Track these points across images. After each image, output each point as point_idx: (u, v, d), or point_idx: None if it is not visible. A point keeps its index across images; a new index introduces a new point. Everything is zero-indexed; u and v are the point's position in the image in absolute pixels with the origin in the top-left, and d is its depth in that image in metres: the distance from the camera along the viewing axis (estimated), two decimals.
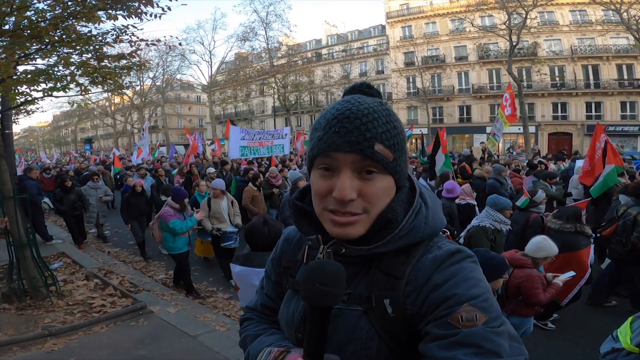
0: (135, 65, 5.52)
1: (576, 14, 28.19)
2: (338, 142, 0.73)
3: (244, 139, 10.79)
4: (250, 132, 11.46)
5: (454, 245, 0.79)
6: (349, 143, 0.72)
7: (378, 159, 0.73)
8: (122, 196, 8.33)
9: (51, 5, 4.39)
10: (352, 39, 38.89)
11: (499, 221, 4.13)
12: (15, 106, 5.29)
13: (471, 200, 5.99)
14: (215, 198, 6.13)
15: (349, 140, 0.72)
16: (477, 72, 31.24)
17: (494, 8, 23.58)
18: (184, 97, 53.51)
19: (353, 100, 0.77)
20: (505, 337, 0.67)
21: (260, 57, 36.07)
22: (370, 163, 0.73)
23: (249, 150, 10.91)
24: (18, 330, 4.14)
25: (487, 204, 4.31)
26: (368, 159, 0.73)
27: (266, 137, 11.39)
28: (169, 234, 5.40)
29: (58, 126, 66.40)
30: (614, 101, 27.20)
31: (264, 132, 11.84)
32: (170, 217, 5.32)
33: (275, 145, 11.47)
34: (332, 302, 0.68)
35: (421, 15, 33.00)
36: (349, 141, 0.72)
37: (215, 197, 6.15)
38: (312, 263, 0.72)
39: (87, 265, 6.38)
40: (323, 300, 0.67)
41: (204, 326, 4.36)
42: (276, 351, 0.79)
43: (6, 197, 4.67)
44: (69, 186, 8.01)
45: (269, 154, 11.63)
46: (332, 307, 0.69)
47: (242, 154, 10.88)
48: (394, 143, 0.75)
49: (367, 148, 0.72)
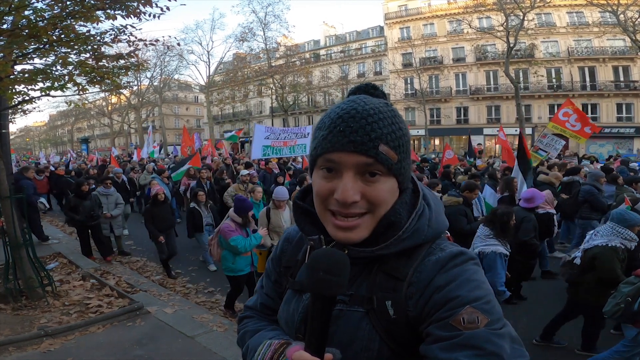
0: (133, 65, 5.50)
1: (573, 15, 28.37)
2: (342, 141, 0.72)
3: (268, 138, 10.23)
4: (275, 131, 10.87)
5: (457, 247, 0.79)
6: (353, 143, 0.72)
7: (382, 160, 0.72)
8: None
9: (50, 5, 4.38)
10: (350, 39, 38.96)
11: (628, 239, 3.50)
12: (12, 105, 5.27)
13: (551, 210, 5.41)
14: (276, 209, 5.28)
15: (353, 140, 0.72)
16: (474, 73, 31.38)
17: (491, 10, 23.72)
18: (182, 98, 53.46)
19: (359, 100, 0.77)
20: (506, 339, 0.67)
21: (259, 57, 36.09)
22: (374, 165, 0.73)
23: (271, 150, 10.32)
24: (14, 330, 4.12)
25: (611, 219, 3.67)
26: (372, 160, 0.72)
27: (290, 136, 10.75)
28: (228, 253, 4.70)
29: (54, 126, 66.11)
30: (610, 103, 27.37)
31: (288, 131, 11.18)
32: (231, 233, 4.58)
33: (298, 144, 10.70)
34: (335, 291, 0.67)
35: (419, 16, 33.10)
36: (354, 141, 0.72)
37: (276, 208, 5.28)
38: (317, 251, 0.71)
39: (84, 265, 6.35)
40: (326, 288, 0.66)
41: (201, 326, 4.35)
42: (277, 343, 0.79)
43: (2, 196, 4.64)
44: (85, 191, 6.83)
45: (291, 154, 11.05)
46: (335, 296, 0.68)
47: (264, 154, 10.29)
48: (399, 144, 0.75)
49: (372, 149, 0.72)
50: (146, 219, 6.52)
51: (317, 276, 0.67)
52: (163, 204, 6.60)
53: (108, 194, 7.27)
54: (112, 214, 7.20)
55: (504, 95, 29.70)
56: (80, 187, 6.81)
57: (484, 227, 3.94)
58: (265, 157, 10.59)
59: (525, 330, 4.22)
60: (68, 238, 8.64)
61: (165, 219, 6.53)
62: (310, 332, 0.68)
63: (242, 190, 7.34)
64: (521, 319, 4.56)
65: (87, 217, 6.67)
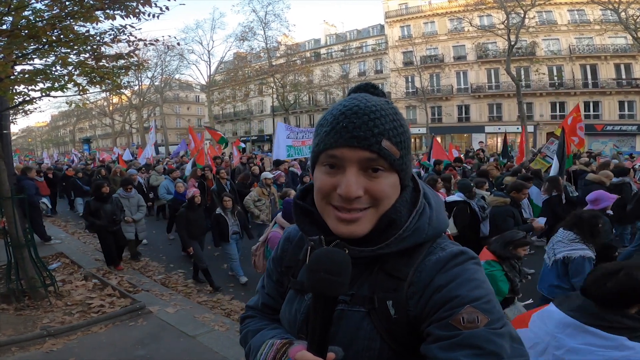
0: (133, 65, 5.51)
1: (574, 13, 28.27)
2: (345, 137, 0.72)
3: (288, 137, 10.05)
4: (294, 130, 10.73)
5: (457, 246, 0.79)
6: (357, 138, 0.72)
7: (385, 156, 0.73)
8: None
9: (49, 5, 4.38)
10: (350, 38, 38.90)
11: None
12: (13, 106, 5.28)
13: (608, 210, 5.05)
14: None
15: (356, 135, 0.72)
16: (475, 71, 31.28)
17: (492, 8, 23.59)
18: (183, 97, 53.44)
19: (360, 97, 0.77)
20: (506, 338, 0.67)
21: (259, 56, 36.01)
22: (377, 160, 0.73)
23: (294, 150, 10.10)
24: (17, 330, 4.13)
25: None
26: (375, 155, 0.72)
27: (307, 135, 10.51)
28: None
29: (56, 126, 66.23)
30: (612, 100, 27.29)
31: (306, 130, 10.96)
32: None
33: None
34: (337, 291, 0.67)
35: (420, 14, 33.01)
36: (357, 136, 0.72)
37: None
38: (318, 251, 0.72)
39: (86, 265, 6.37)
40: (328, 289, 0.67)
41: (203, 326, 4.36)
42: (279, 343, 0.79)
43: (4, 197, 4.66)
44: (106, 193, 6.32)
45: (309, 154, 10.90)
46: (337, 296, 0.69)
47: (289, 154, 10.01)
48: (400, 140, 0.75)
49: (375, 144, 0.72)
50: (179, 225, 5.92)
51: (319, 276, 0.67)
52: (199, 207, 6.13)
53: (129, 197, 6.86)
54: (134, 217, 6.76)
55: (506, 93, 29.61)
56: (100, 189, 6.30)
57: (565, 231, 3.70)
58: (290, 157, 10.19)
59: None
60: (70, 238, 8.66)
61: (200, 225, 6.09)
62: (313, 331, 0.68)
63: (266, 195, 6.93)
64: None
65: (109, 222, 6.21)
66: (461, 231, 5.10)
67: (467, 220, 5.12)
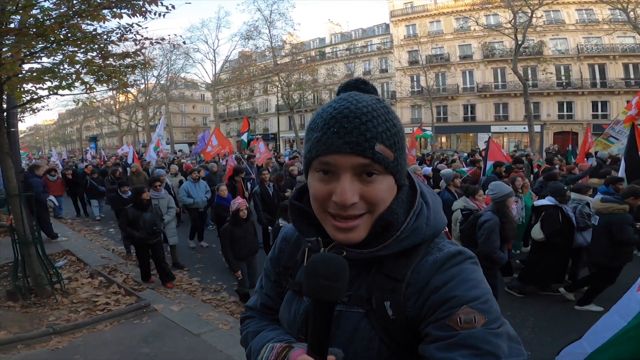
0: (139, 64, 5.53)
1: (582, 12, 27.99)
2: (337, 143, 0.70)
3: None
4: None
5: (455, 246, 0.78)
6: (349, 144, 0.70)
7: (379, 160, 0.71)
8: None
9: (57, 4, 4.41)
10: (356, 37, 38.82)
11: None
12: (21, 104, 5.32)
13: None
14: None
15: (348, 141, 0.70)
16: (481, 71, 31.10)
17: (499, 7, 23.45)
18: (188, 96, 53.67)
19: (350, 98, 0.75)
20: (504, 338, 0.67)
21: (264, 55, 36.02)
22: (371, 165, 0.71)
23: None
24: (23, 328, 4.17)
25: None
26: (369, 160, 0.71)
27: None
28: None
29: (63, 124, 66.74)
30: (620, 100, 26.95)
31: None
32: None
33: None
34: (335, 297, 0.67)
35: (425, 13, 32.87)
36: (349, 142, 0.70)
37: None
38: (315, 257, 0.71)
39: (92, 263, 6.41)
40: (326, 295, 0.67)
41: (207, 324, 4.38)
42: (279, 347, 0.78)
43: (12, 194, 4.70)
44: (147, 200, 5.49)
45: None
46: (336, 302, 0.68)
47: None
48: (394, 142, 0.73)
49: (368, 149, 0.70)
50: (223, 244, 4.98)
51: (317, 282, 0.67)
52: (246, 222, 5.06)
53: (159, 197, 6.14)
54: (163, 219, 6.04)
55: (512, 92, 29.43)
56: (139, 195, 5.43)
57: None
58: None
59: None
60: (77, 235, 8.73)
61: (247, 242, 5.05)
62: (312, 335, 0.69)
63: None
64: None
65: (149, 234, 5.39)
66: (550, 237, 4.85)
67: (557, 226, 4.81)
